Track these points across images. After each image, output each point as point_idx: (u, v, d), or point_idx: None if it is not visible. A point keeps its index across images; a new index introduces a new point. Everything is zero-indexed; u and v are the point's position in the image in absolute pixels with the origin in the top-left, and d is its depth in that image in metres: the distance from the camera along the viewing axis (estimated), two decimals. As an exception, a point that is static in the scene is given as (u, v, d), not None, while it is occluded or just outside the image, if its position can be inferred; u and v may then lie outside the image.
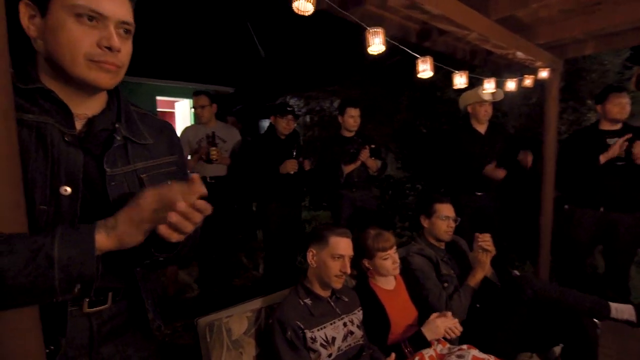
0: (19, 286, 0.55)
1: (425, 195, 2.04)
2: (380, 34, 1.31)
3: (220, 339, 1.23)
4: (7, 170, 0.59)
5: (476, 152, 2.57)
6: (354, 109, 2.70)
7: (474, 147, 2.59)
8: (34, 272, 0.56)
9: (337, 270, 1.31)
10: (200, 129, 2.80)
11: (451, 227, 1.85)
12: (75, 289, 0.60)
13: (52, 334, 0.68)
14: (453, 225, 1.86)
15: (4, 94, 0.58)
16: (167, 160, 0.87)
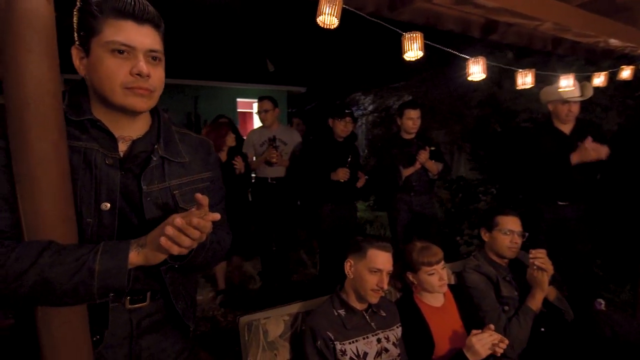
0: (65, 291, 0.67)
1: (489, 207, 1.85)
2: (418, 39, 1.21)
3: (257, 338, 1.30)
4: (61, 190, 0.72)
5: (558, 155, 2.23)
6: (413, 111, 2.57)
7: (555, 149, 2.25)
8: (78, 281, 0.67)
9: (373, 284, 1.27)
10: (264, 132, 2.96)
11: (515, 244, 1.65)
12: (109, 295, 0.71)
13: (97, 326, 0.80)
14: (518, 241, 1.65)
15: (57, 129, 0.70)
16: (201, 177, 0.95)
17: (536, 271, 1.55)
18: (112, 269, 0.69)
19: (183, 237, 0.68)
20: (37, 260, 0.65)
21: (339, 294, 1.35)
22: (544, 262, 1.53)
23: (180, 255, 0.76)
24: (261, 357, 1.28)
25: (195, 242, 0.71)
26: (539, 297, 1.55)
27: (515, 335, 1.52)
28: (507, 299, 1.63)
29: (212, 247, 0.88)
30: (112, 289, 0.70)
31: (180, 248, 0.69)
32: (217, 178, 1.01)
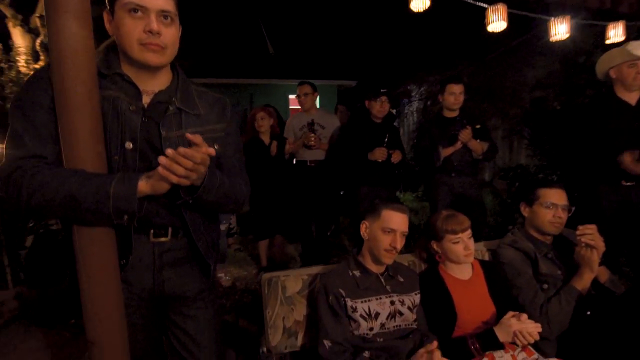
0: (87, 208, 0.80)
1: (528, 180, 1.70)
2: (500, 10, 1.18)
3: (275, 293, 1.38)
4: (93, 129, 0.86)
5: (622, 130, 1.96)
6: (455, 85, 2.44)
7: (619, 122, 1.98)
8: (97, 201, 0.80)
9: (387, 244, 1.27)
10: (303, 116, 3.05)
11: (559, 218, 1.50)
12: (124, 218, 0.83)
13: (123, 252, 0.94)
14: (562, 215, 1.50)
15: (90, 80, 0.84)
16: (214, 128, 1.05)
17: (584, 249, 1.40)
18: (123, 193, 0.81)
19: (175, 165, 0.77)
20: (68, 180, 0.79)
21: (355, 256, 1.37)
22: (594, 238, 1.37)
23: (193, 190, 0.86)
24: (279, 310, 1.36)
25: (191, 173, 0.80)
26: (586, 277, 1.39)
27: (553, 315, 1.39)
28: (546, 276, 1.50)
29: (224, 188, 0.97)
30: (124, 211, 0.82)
31: (178, 178, 0.79)
32: (232, 132, 1.10)
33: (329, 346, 1.18)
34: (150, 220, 0.98)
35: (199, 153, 0.79)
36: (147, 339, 1.08)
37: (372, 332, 1.21)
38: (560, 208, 1.50)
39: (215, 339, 1.15)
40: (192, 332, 1.10)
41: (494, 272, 1.50)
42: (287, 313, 1.36)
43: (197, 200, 0.90)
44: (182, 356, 1.11)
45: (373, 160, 2.52)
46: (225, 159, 1.08)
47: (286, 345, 1.34)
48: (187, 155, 0.77)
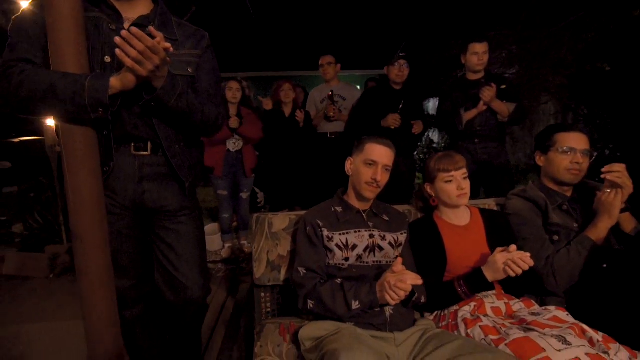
0: (66, 99, 0.90)
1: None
2: None
3: (262, 229, 1.42)
4: (77, 41, 0.95)
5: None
6: (478, 44, 2.27)
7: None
8: (74, 92, 0.90)
9: (368, 176, 1.24)
10: (324, 89, 3.06)
11: (577, 164, 1.33)
12: (99, 110, 0.92)
13: (105, 160, 1.04)
14: (580, 161, 1.33)
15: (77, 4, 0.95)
16: (189, 53, 1.13)
17: (605, 193, 1.24)
18: (97, 85, 0.90)
19: (128, 46, 0.86)
20: (51, 75, 0.90)
21: (340, 194, 1.36)
22: (621, 176, 1.20)
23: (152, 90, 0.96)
24: (264, 244, 1.39)
25: (142, 58, 0.88)
26: (602, 225, 1.24)
27: (560, 266, 1.25)
28: (557, 227, 1.35)
29: (188, 98, 1.04)
30: (98, 102, 0.91)
31: (132, 62, 0.87)
32: (208, 60, 1.18)
33: (304, 273, 1.19)
34: (130, 133, 1.07)
35: (151, 41, 0.86)
36: (133, 250, 1.17)
37: (347, 262, 1.19)
38: (579, 153, 1.33)
39: (198, 254, 1.22)
40: (174, 244, 1.18)
41: (494, 220, 1.39)
42: (271, 248, 1.38)
43: (158, 102, 0.98)
44: (165, 269, 1.19)
45: (386, 127, 2.45)
46: (199, 82, 1.16)
47: (269, 278, 1.36)
48: (138, 35, 0.85)
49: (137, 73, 0.91)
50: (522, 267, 1.06)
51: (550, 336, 0.89)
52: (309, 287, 1.15)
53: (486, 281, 1.15)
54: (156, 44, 0.88)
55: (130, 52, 0.86)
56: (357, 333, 1.00)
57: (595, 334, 1.00)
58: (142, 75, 0.91)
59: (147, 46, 0.87)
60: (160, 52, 0.89)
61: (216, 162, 2.80)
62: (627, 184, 1.21)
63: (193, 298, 1.20)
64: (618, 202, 1.21)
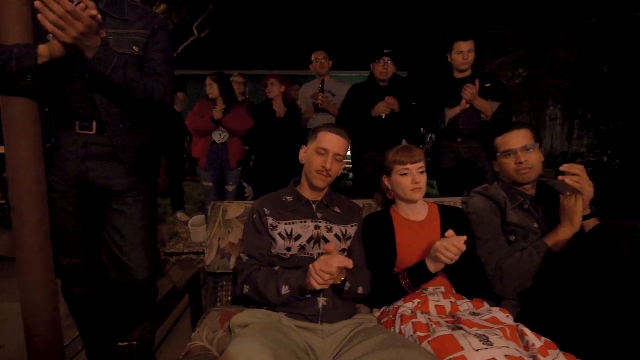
0: None
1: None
2: None
3: (216, 216, 1.41)
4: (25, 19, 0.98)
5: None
6: (463, 43, 2.22)
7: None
8: (4, 60, 0.92)
9: (318, 165, 1.21)
10: (315, 84, 3.05)
11: (521, 163, 1.28)
12: (27, 77, 0.93)
13: (47, 138, 1.06)
14: (524, 159, 1.27)
15: None
16: (138, 32, 1.14)
17: (567, 197, 1.17)
18: (23, 52, 0.92)
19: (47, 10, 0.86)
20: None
21: (293, 184, 1.34)
22: (580, 180, 1.12)
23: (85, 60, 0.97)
24: (216, 231, 1.39)
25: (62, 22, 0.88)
26: (563, 232, 1.16)
27: (508, 269, 1.21)
28: (514, 227, 1.29)
29: (127, 71, 1.04)
30: (24, 69, 0.92)
31: (52, 26, 0.88)
32: (159, 41, 1.18)
33: (246, 259, 1.17)
34: (74, 112, 1.08)
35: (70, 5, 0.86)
36: (79, 228, 1.18)
37: (289, 252, 1.17)
38: (519, 151, 1.28)
39: (144, 236, 1.22)
40: (120, 225, 1.19)
41: (453, 218, 1.34)
42: (223, 235, 1.38)
43: (93, 74, 0.98)
44: (110, 249, 1.20)
45: (377, 116, 2.40)
46: (147, 62, 1.16)
47: (219, 265, 1.35)
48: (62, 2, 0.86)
49: (60, 39, 0.91)
50: (452, 251, 1.01)
51: (474, 335, 0.85)
52: (247, 273, 1.14)
53: (428, 272, 1.11)
54: (77, 9, 0.88)
55: (49, 15, 0.87)
56: (275, 323, 0.98)
57: (537, 339, 0.95)
58: (66, 41, 0.92)
59: (67, 10, 0.87)
60: (82, 18, 0.90)
61: (202, 153, 2.82)
62: (587, 188, 1.12)
63: (137, 279, 1.20)
64: (579, 207, 1.13)
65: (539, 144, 1.33)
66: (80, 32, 0.91)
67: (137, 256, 1.20)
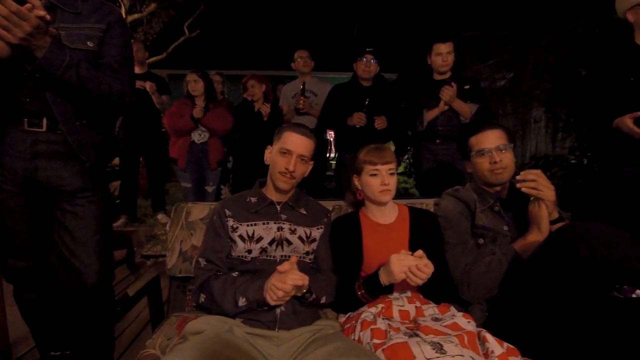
0: None
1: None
2: None
3: (178, 217, 1.36)
4: None
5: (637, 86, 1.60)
6: (442, 45, 2.21)
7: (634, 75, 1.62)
8: None
9: (282, 166, 1.17)
10: (297, 84, 3.01)
11: (496, 163, 1.25)
12: None
13: None
14: (498, 159, 1.25)
15: None
16: (92, 26, 1.09)
17: (532, 203, 1.15)
18: None
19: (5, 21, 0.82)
20: None
21: (258, 185, 1.29)
22: (537, 185, 1.10)
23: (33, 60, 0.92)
24: (178, 233, 1.34)
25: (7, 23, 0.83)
26: (531, 238, 1.14)
27: (476, 275, 1.19)
28: (483, 229, 1.27)
29: (80, 71, 1.00)
30: None
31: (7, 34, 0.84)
32: (115, 36, 1.13)
33: (204, 264, 1.13)
34: (22, 108, 1.03)
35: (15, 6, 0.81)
36: (28, 230, 1.12)
37: (250, 255, 1.12)
38: (494, 151, 1.26)
39: (97, 238, 1.16)
40: (71, 227, 1.13)
41: (423, 221, 1.31)
42: (185, 237, 1.33)
43: (43, 73, 0.94)
44: (60, 251, 1.14)
45: (352, 125, 2.38)
46: (104, 58, 1.11)
47: (180, 269, 1.31)
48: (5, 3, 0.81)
49: (6, 40, 0.86)
50: (420, 276, 0.97)
51: (428, 343, 0.82)
52: (203, 279, 1.09)
53: (381, 285, 1.07)
54: (23, 9, 0.83)
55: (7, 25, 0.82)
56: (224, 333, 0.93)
57: (498, 345, 0.92)
58: (12, 42, 0.87)
59: (11, 11, 0.82)
60: (29, 18, 0.85)
61: (180, 153, 2.76)
62: (547, 192, 1.09)
63: (88, 283, 1.15)
64: (544, 213, 1.11)
65: (512, 145, 1.32)
66: (28, 33, 0.86)
67: (89, 259, 1.14)
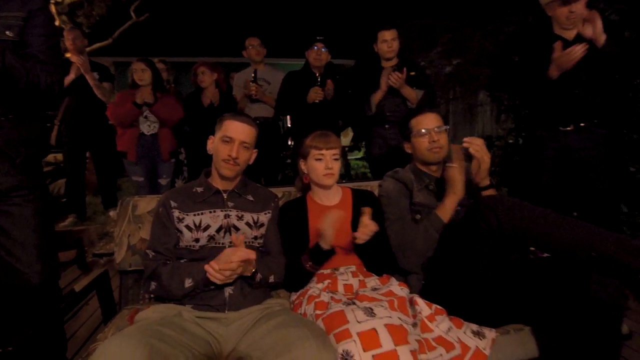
0: None
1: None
2: None
3: (125, 212, 1.35)
4: None
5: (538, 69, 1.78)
6: (386, 32, 2.29)
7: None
8: None
9: (225, 154, 1.19)
10: (249, 72, 2.97)
11: (434, 142, 1.38)
12: None
13: None
14: (436, 138, 1.38)
15: None
16: (10, 15, 1.03)
17: (447, 168, 1.30)
18: None
19: None
20: None
21: (204, 175, 1.31)
22: (479, 150, 1.26)
23: None
24: (125, 227, 1.33)
25: None
26: (449, 201, 1.29)
27: (408, 242, 1.30)
28: (420, 206, 1.39)
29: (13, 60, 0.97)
30: None
31: None
32: (38, 24, 1.08)
33: (152, 255, 1.14)
34: None
35: None
36: None
37: (198, 244, 1.15)
38: (433, 131, 1.38)
39: (37, 238, 1.13)
40: (7, 227, 1.09)
41: (364, 200, 1.40)
42: (133, 231, 1.32)
43: None
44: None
45: (311, 102, 2.41)
46: (27, 48, 1.07)
47: (130, 262, 1.31)
48: None
49: None
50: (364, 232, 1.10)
51: (361, 309, 0.91)
52: (152, 268, 1.11)
53: (323, 251, 1.16)
54: None
55: None
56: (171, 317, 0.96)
57: (427, 307, 1.03)
58: None
59: None
60: None
61: (128, 146, 2.65)
62: (484, 158, 1.26)
63: (29, 283, 1.12)
64: (458, 176, 1.27)
65: (447, 127, 1.44)
66: None
67: (29, 259, 1.11)
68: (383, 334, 0.82)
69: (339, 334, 0.85)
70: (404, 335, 0.83)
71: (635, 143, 2.49)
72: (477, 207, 1.03)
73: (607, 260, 0.82)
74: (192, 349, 0.87)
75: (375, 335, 0.82)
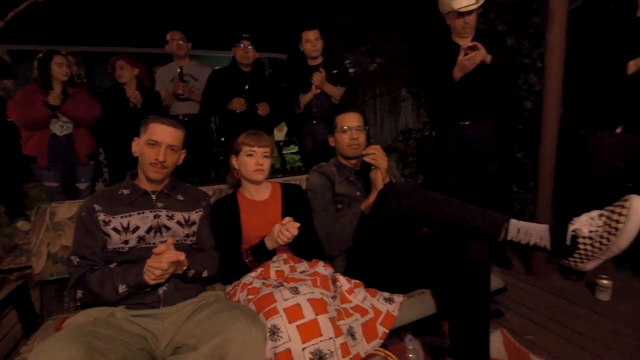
0: None
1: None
2: None
3: (41, 220, 1.28)
4: None
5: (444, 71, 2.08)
6: (309, 32, 2.43)
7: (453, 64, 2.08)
8: None
9: (152, 157, 1.21)
10: (173, 67, 2.88)
11: (354, 139, 1.55)
12: None
13: None
14: (356, 136, 1.55)
15: None
16: None
17: (372, 170, 1.46)
18: None
19: None
20: None
21: (130, 177, 1.31)
22: (375, 157, 1.44)
23: None
24: (43, 236, 1.27)
25: None
26: (371, 198, 1.44)
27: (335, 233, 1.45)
28: (341, 196, 1.55)
29: None
30: None
31: None
32: None
33: (77, 262, 1.12)
34: None
35: None
36: None
37: (127, 245, 1.16)
38: (354, 130, 1.55)
39: None
40: None
41: (293, 195, 1.52)
42: (53, 239, 1.27)
43: None
44: None
45: (232, 110, 2.45)
46: None
47: (51, 272, 1.26)
48: None
49: None
50: (286, 235, 1.17)
51: (288, 288, 1.03)
52: (78, 275, 1.09)
53: (266, 250, 1.25)
54: None
55: None
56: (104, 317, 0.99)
57: (347, 282, 1.19)
58: None
59: None
60: None
61: (38, 149, 2.40)
62: (381, 163, 1.43)
63: None
64: (379, 177, 1.44)
65: (367, 127, 1.61)
66: None
67: None
68: (306, 307, 0.95)
69: (268, 312, 0.95)
70: (323, 307, 0.97)
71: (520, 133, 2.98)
72: (382, 194, 1.21)
73: (476, 230, 1.06)
74: (129, 345, 0.91)
75: (299, 309, 0.94)
